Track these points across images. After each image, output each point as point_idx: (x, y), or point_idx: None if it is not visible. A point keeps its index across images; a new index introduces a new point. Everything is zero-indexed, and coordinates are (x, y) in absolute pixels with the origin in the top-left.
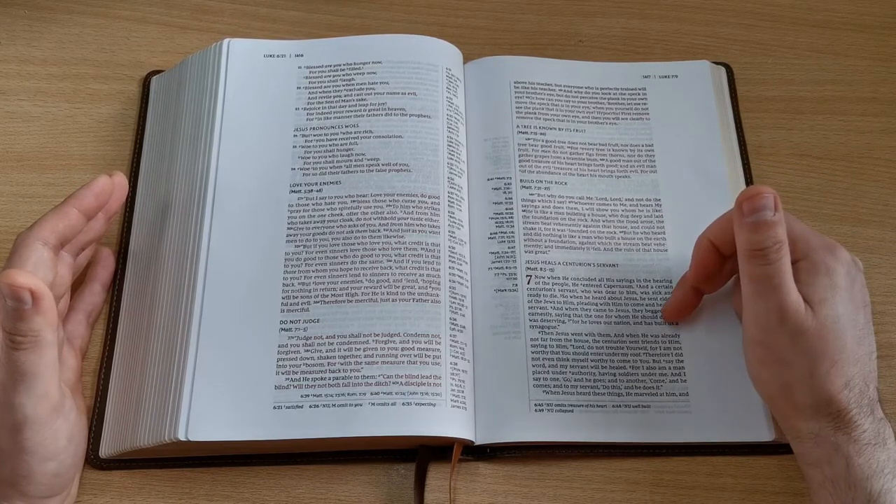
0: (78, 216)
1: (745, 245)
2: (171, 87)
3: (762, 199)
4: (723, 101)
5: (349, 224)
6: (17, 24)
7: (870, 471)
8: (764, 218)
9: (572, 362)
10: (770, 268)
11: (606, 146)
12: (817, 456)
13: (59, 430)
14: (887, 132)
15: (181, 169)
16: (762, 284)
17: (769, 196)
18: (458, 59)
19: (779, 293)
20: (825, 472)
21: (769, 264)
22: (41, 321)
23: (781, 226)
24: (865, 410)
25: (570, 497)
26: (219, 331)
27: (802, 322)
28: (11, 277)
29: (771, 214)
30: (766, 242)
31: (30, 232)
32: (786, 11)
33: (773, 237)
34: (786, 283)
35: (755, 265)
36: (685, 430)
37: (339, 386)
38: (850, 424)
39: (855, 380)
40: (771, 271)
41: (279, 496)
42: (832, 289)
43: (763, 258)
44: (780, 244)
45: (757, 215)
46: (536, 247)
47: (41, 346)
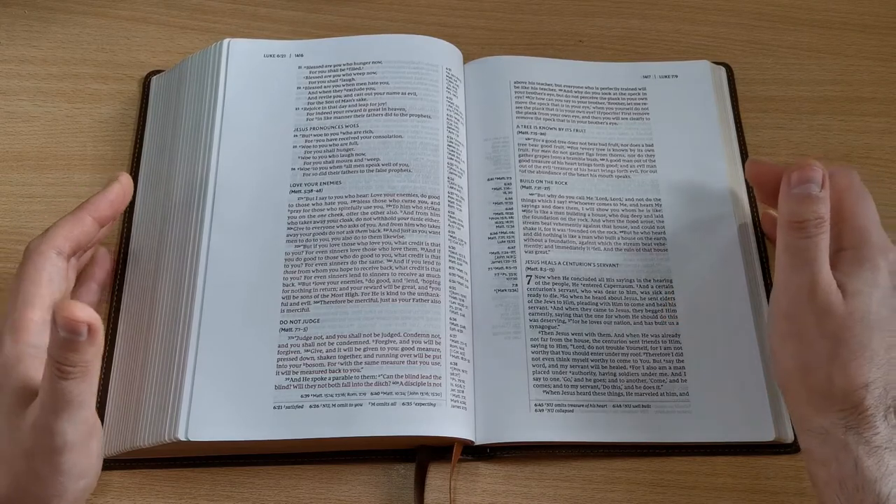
0: (92, 224)
1: (786, 216)
2: (171, 87)
3: (811, 170)
4: (723, 101)
5: (349, 224)
6: (17, 24)
7: (879, 473)
8: (809, 191)
9: (572, 362)
10: (808, 241)
11: (606, 146)
12: (825, 454)
13: (93, 450)
14: (887, 132)
15: (181, 169)
16: (797, 257)
17: (818, 170)
18: (458, 59)
19: (812, 267)
20: (831, 471)
21: (807, 237)
22: (93, 352)
23: (825, 203)
24: (882, 414)
25: (570, 497)
26: (219, 331)
27: (831, 302)
28: (70, 311)
29: (817, 189)
30: (808, 215)
31: (44, 240)
32: (786, 11)
33: (815, 212)
34: (820, 258)
35: (793, 237)
36: (685, 430)
37: (339, 386)
38: (864, 424)
39: (877, 383)
40: (808, 244)
41: (279, 496)
42: (871, 285)
43: (802, 231)
44: (820, 220)
45: (803, 187)
46: (536, 247)
47: (90, 375)
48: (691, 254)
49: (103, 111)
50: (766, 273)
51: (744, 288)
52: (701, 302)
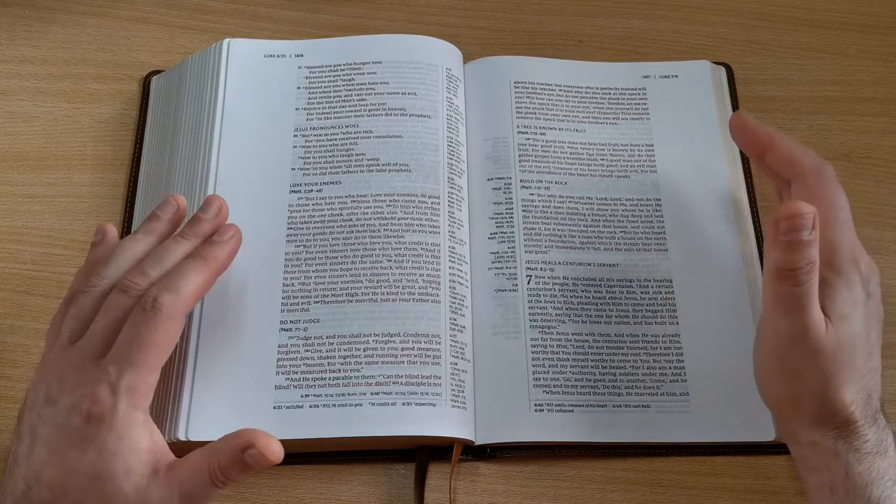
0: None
1: (775, 263)
2: (171, 87)
3: (801, 219)
4: (723, 101)
5: (349, 224)
6: (17, 24)
7: (869, 478)
8: (800, 238)
9: (572, 362)
10: (798, 289)
11: (606, 146)
12: (816, 462)
13: None
14: (887, 132)
15: (181, 169)
16: (788, 304)
17: (809, 216)
18: (458, 59)
19: (804, 314)
20: (823, 478)
21: (798, 285)
22: None
23: (815, 245)
24: (869, 421)
25: (570, 497)
26: (219, 331)
27: (822, 342)
28: (272, 457)
29: (808, 234)
30: (799, 263)
31: (180, 302)
32: (786, 11)
33: (807, 257)
34: (811, 304)
35: (783, 285)
36: (685, 430)
37: (339, 386)
38: (853, 434)
39: (861, 394)
40: (799, 292)
41: (279, 496)
42: (853, 304)
43: (793, 279)
44: (812, 264)
45: (793, 235)
46: (536, 247)
47: None
48: (691, 254)
49: (103, 111)
50: None
51: (743, 288)
52: (701, 302)
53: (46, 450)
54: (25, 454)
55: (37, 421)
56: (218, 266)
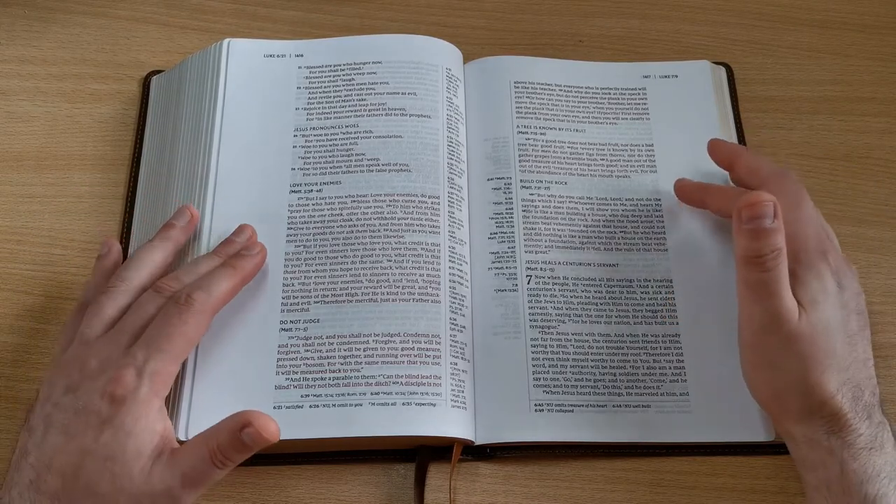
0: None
1: (742, 251)
2: (171, 87)
3: (762, 206)
4: (723, 101)
5: (349, 224)
6: (17, 24)
7: (865, 475)
8: (763, 226)
9: (572, 362)
10: (767, 275)
11: (606, 146)
12: (812, 459)
13: None
14: (887, 132)
15: (181, 169)
16: (758, 291)
17: (769, 204)
18: (458, 59)
19: (774, 299)
20: (819, 476)
21: (766, 272)
22: None
23: (780, 233)
24: (861, 415)
25: (570, 497)
26: (219, 331)
27: (795, 327)
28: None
29: (770, 222)
30: (764, 250)
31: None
32: (786, 11)
33: (772, 245)
34: (781, 290)
35: (752, 272)
36: (685, 430)
37: (339, 386)
38: (845, 429)
39: (847, 385)
40: (767, 278)
41: (279, 496)
42: (823, 293)
43: (760, 265)
44: (777, 251)
45: (756, 223)
46: (536, 247)
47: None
48: (691, 254)
49: (103, 111)
50: None
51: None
52: (701, 302)
53: (63, 435)
54: (37, 443)
55: (52, 410)
56: (246, 275)
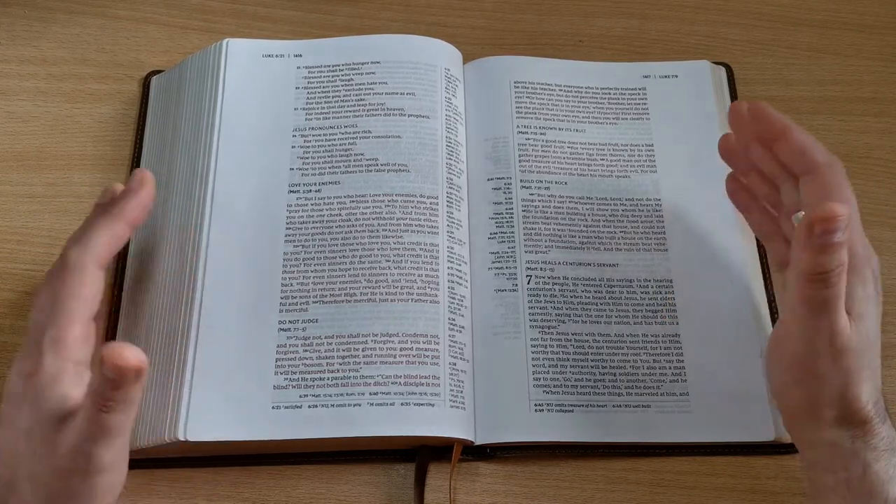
0: (128, 232)
1: (807, 267)
2: (171, 87)
3: (838, 222)
4: (723, 101)
5: (348, 224)
6: (17, 24)
7: (886, 476)
8: (833, 240)
9: (572, 362)
10: (828, 291)
11: (606, 146)
12: (832, 463)
13: (125, 468)
14: (887, 132)
15: (181, 169)
16: (817, 308)
17: (844, 219)
18: (457, 60)
19: (833, 316)
20: (839, 476)
21: (829, 288)
22: (137, 388)
23: (845, 246)
24: (881, 418)
25: (570, 497)
26: (218, 331)
27: (847, 342)
28: (120, 359)
29: (841, 236)
30: (831, 265)
31: (87, 252)
32: (786, 11)
33: (838, 260)
34: (840, 306)
35: (814, 289)
36: (685, 430)
37: (337, 386)
38: (870, 433)
39: (875, 392)
40: (828, 295)
41: (279, 496)
42: (867, 302)
43: (824, 282)
44: (842, 267)
45: (827, 237)
46: (536, 247)
47: (131, 408)
48: (691, 254)
49: (103, 111)
50: (766, 272)
51: (743, 288)
52: (701, 302)
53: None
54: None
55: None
56: (128, 217)
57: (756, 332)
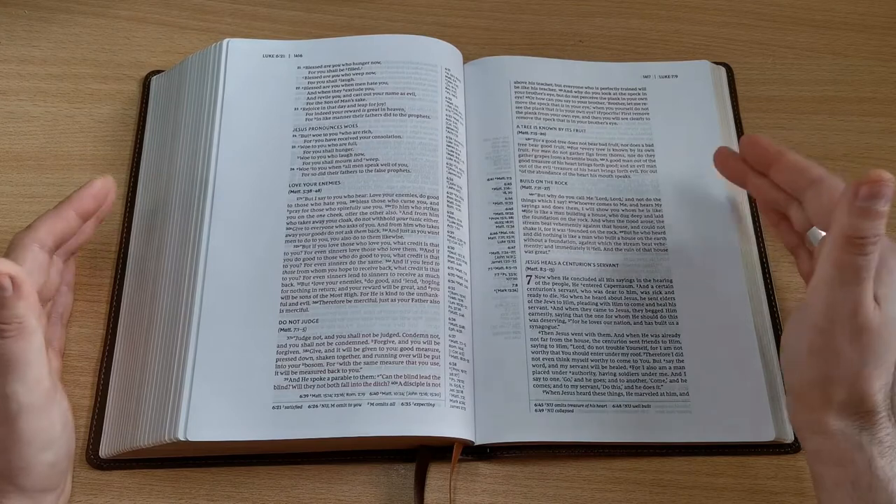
0: (75, 219)
1: (845, 230)
2: (171, 87)
3: (884, 185)
4: (723, 101)
5: (348, 224)
6: (17, 24)
7: (892, 472)
8: (877, 207)
9: (572, 362)
10: (863, 259)
11: (606, 146)
12: (837, 454)
13: (54, 417)
14: (887, 132)
15: (181, 169)
16: (849, 274)
17: (891, 186)
18: (458, 60)
19: (861, 286)
20: (847, 472)
21: (864, 255)
22: (23, 306)
23: (885, 220)
24: (888, 414)
25: (570, 497)
26: (218, 331)
27: (871, 319)
28: None
29: (884, 205)
30: (869, 232)
31: (27, 233)
32: (786, 11)
33: (877, 228)
34: (869, 278)
35: (849, 253)
36: (685, 430)
37: (338, 386)
38: (876, 426)
39: (886, 384)
40: (862, 262)
41: (279, 496)
42: (891, 286)
43: (860, 248)
44: (878, 237)
45: (872, 202)
46: (536, 247)
47: (27, 332)
48: (691, 254)
49: (103, 111)
50: (766, 272)
51: (743, 288)
52: (701, 302)
53: None
54: None
55: None
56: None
57: (756, 333)
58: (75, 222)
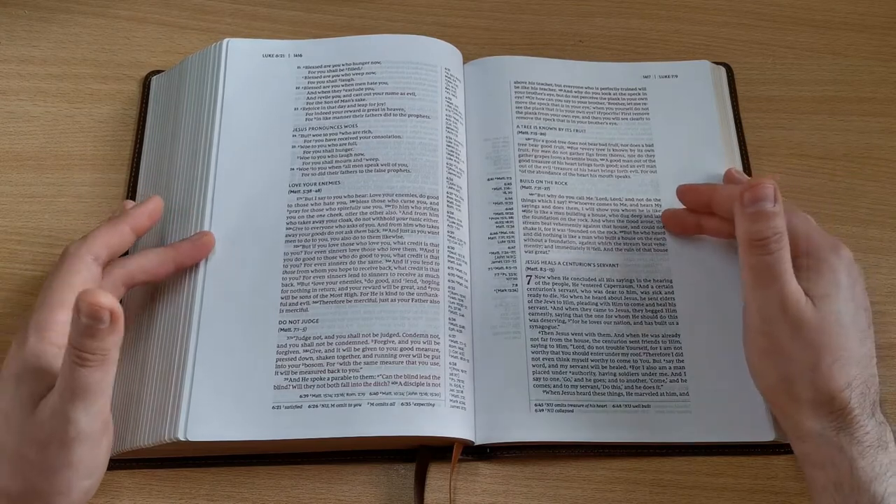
0: (130, 235)
1: (745, 235)
2: (171, 87)
3: (763, 189)
4: (723, 101)
5: (348, 224)
6: (17, 24)
7: (874, 473)
8: (764, 208)
9: (572, 362)
10: (770, 258)
11: (606, 146)
12: (820, 457)
13: (103, 448)
14: (887, 132)
15: (181, 169)
16: (762, 275)
17: (770, 187)
18: (457, 60)
19: (779, 282)
20: (829, 475)
21: (769, 254)
22: (113, 341)
23: (781, 217)
24: (868, 412)
25: (570, 497)
26: (218, 331)
27: (802, 312)
28: (93, 297)
29: (771, 205)
30: (767, 233)
31: (83, 244)
32: (786, 11)
33: (773, 227)
34: (786, 272)
35: (755, 255)
36: (685, 430)
37: (338, 386)
38: (853, 425)
39: (857, 380)
40: (771, 261)
41: (279, 496)
42: (835, 286)
43: (763, 248)
44: (779, 234)
45: (757, 205)
46: (536, 247)
47: (108, 364)
48: (691, 254)
49: (103, 111)
50: None
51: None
52: (701, 302)
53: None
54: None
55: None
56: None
57: None
58: (129, 238)
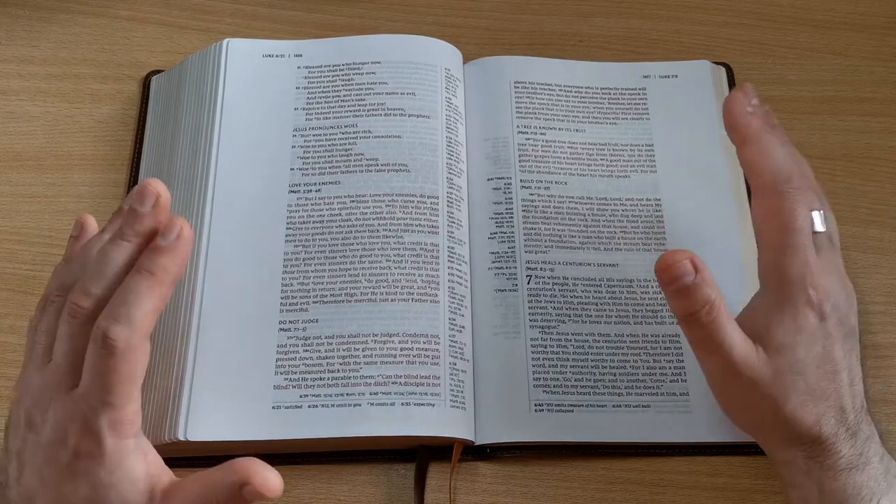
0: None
1: (675, 311)
2: (171, 87)
3: (675, 268)
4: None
5: (348, 224)
6: (17, 24)
7: (844, 495)
8: (684, 285)
9: (572, 362)
10: (705, 329)
11: (606, 146)
12: (791, 478)
13: None
14: (887, 132)
15: (181, 169)
16: (704, 344)
17: (683, 263)
18: (458, 60)
19: (722, 350)
20: (801, 494)
21: (703, 327)
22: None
23: (707, 284)
24: (843, 437)
25: (570, 497)
26: (218, 331)
27: (754, 370)
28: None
29: (691, 279)
30: (694, 307)
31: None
32: (786, 11)
33: (700, 300)
34: (725, 339)
35: (692, 329)
36: (685, 430)
37: (338, 386)
38: (825, 453)
39: (827, 414)
40: (708, 332)
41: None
42: (794, 332)
43: (696, 322)
44: (709, 305)
45: (676, 283)
46: (536, 247)
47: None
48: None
49: (103, 111)
50: None
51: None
52: None
53: (37, 480)
54: (15, 478)
55: (21, 446)
56: (171, 278)
57: None
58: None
